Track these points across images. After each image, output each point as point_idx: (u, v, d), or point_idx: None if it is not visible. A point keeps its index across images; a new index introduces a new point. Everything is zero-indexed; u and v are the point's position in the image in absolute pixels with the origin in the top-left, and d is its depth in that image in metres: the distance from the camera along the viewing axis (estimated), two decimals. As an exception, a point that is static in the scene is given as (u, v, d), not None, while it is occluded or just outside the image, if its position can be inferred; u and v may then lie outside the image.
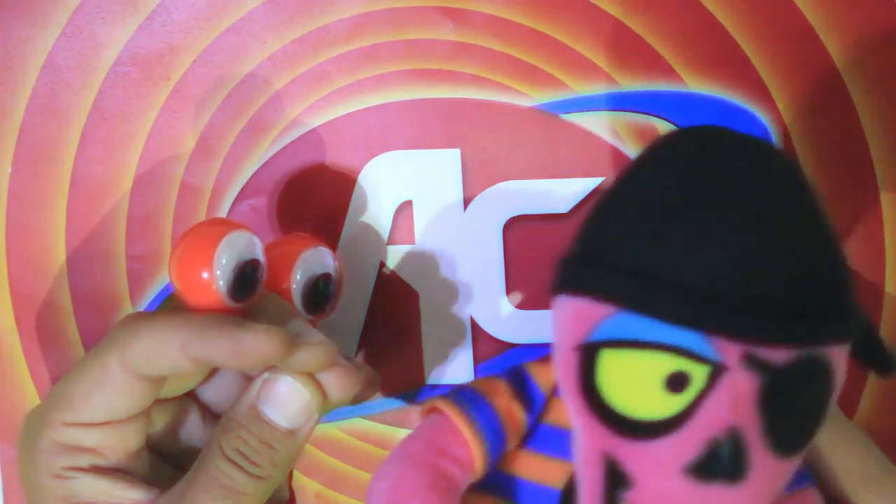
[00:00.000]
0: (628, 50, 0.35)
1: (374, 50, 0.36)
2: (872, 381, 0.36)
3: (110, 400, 0.30)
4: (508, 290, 0.37)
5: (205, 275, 0.29)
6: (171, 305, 0.31)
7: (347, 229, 0.37)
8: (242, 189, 0.37)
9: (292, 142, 0.36)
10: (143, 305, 0.37)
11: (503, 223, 0.36)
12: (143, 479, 0.31)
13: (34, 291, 0.37)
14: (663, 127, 0.36)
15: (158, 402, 0.31)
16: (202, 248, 0.30)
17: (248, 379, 0.31)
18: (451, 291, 0.37)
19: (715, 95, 0.35)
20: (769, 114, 0.35)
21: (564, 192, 0.36)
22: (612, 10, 0.35)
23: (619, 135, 0.36)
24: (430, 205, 0.36)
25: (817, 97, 0.35)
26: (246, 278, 0.30)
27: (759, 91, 0.35)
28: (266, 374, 0.30)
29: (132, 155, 0.37)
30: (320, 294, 0.33)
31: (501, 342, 0.37)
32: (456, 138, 0.36)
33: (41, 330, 0.38)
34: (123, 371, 0.29)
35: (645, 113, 0.36)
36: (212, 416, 0.34)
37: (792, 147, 0.35)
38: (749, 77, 0.35)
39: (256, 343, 0.28)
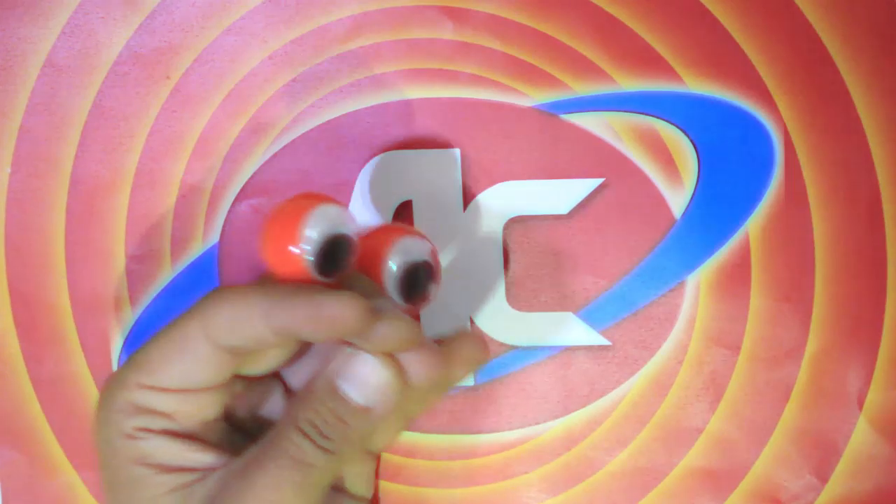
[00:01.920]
0: (628, 50, 0.35)
1: (374, 50, 0.36)
2: (878, 374, 0.36)
3: (188, 368, 0.29)
4: (508, 291, 0.37)
5: (292, 247, 0.29)
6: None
7: (347, 229, 0.37)
8: (242, 189, 0.37)
9: (292, 142, 0.37)
10: (142, 306, 0.37)
11: (503, 223, 0.36)
12: (215, 446, 0.31)
13: (33, 291, 0.37)
14: (663, 127, 0.36)
15: (242, 378, 0.31)
16: (291, 219, 0.29)
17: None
18: (451, 292, 0.37)
19: (715, 95, 0.35)
20: (769, 114, 0.35)
21: (564, 192, 0.36)
22: (613, 10, 0.35)
23: (618, 135, 0.36)
24: (430, 205, 0.36)
25: (817, 97, 0.35)
26: (335, 252, 0.30)
27: (759, 91, 0.35)
28: (348, 350, 0.29)
29: (132, 155, 0.37)
30: (415, 284, 0.32)
31: (501, 342, 0.37)
32: (456, 138, 0.36)
33: (40, 330, 0.38)
34: (205, 339, 0.29)
35: (645, 113, 0.36)
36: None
37: (792, 147, 0.35)
38: (749, 77, 0.35)
39: (337, 308, 0.28)
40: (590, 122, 0.36)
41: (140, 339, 0.38)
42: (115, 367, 0.38)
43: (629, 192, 0.36)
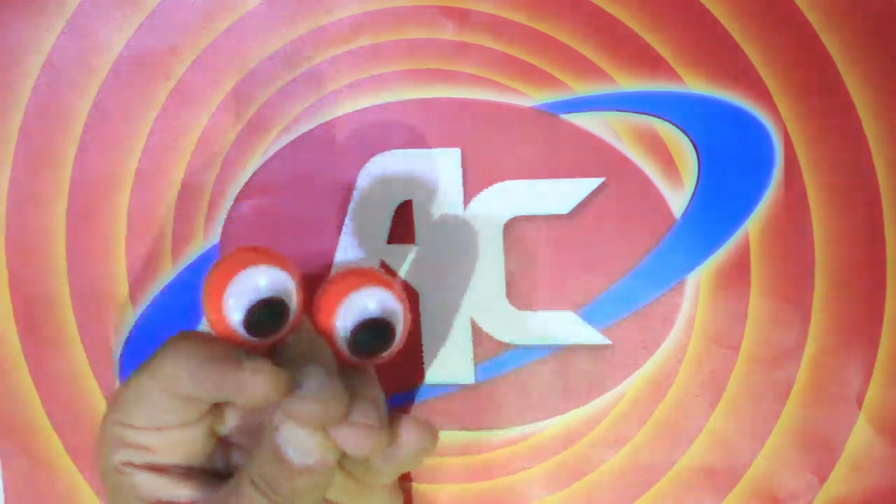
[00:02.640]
0: (628, 50, 0.35)
1: (374, 50, 0.36)
2: (877, 373, 0.36)
3: (152, 413, 0.30)
4: (508, 290, 0.37)
5: (220, 309, 0.29)
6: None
7: (347, 229, 0.37)
8: (242, 189, 0.37)
9: (292, 142, 0.36)
10: (143, 305, 0.37)
11: (503, 223, 0.36)
12: (202, 476, 0.31)
13: (34, 291, 0.37)
14: (663, 127, 0.36)
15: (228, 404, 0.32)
16: (218, 281, 0.29)
17: None
18: (451, 291, 0.37)
19: (715, 96, 0.35)
20: (769, 114, 0.35)
21: (564, 192, 0.36)
22: (613, 10, 0.35)
23: (618, 135, 0.36)
24: (430, 205, 0.36)
25: (817, 98, 0.35)
26: (262, 317, 0.29)
27: (759, 91, 0.35)
28: (282, 416, 0.29)
29: (132, 155, 0.37)
30: (370, 341, 0.31)
31: (501, 342, 0.37)
32: (456, 138, 0.36)
33: (41, 329, 0.38)
34: (158, 390, 0.30)
35: (645, 113, 0.36)
36: None
37: (792, 147, 0.35)
38: (749, 77, 0.35)
39: (249, 382, 0.28)
40: (590, 122, 0.36)
41: (141, 338, 0.38)
42: (115, 366, 0.38)
43: (629, 192, 0.36)
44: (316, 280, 0.32)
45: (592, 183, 0.36)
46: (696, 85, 0.35)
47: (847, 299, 0.36)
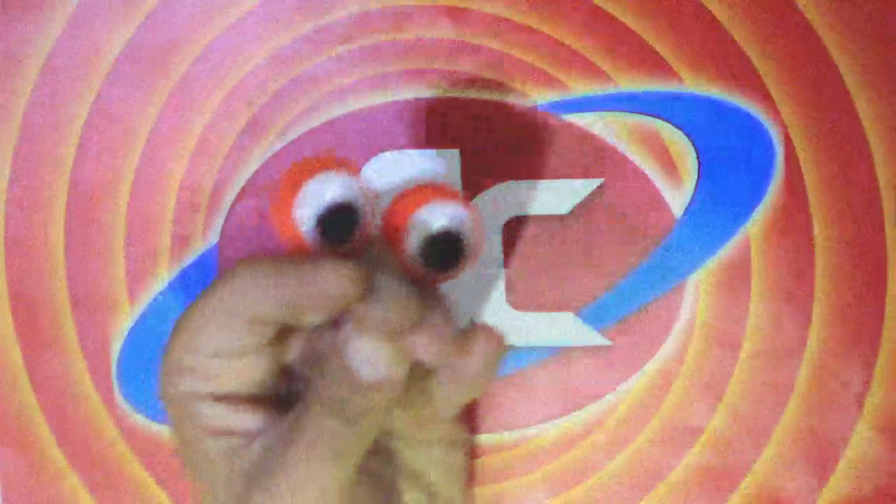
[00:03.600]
0: (628, 50, 0.35)
1: (373, 50, 0.36)
2: (878, 374, 0.36)
3: (219, 337, 0.29)
4: (508, 290, 0.37)
5: (290, 217, 0.28)
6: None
7: (347, 230, 0.37)
8: (242, 189, 0.37)
9: (292, 142, 0.36)
10: (142, 306, 0.37)
11: (503, 223, 0.36)
12: (266, 406, 0.30)
13: (33, 292, 0.37)
14: (663, 127, 0.36)
15: (297, 329, 0.31)
16: (290, 188, 0.29)
17: None
18: (450, 292, 0.36)
19: (715, 96, 0.35)
20: (769, 114, 0.35)
21: (564, 192, 0.36)
22: (613, 10, 0.35)
23: (618, 135, 0.36)
24: (429, 205, 0.36)
25: (818, 98, 0.35)
26: (337, 223, 0.29)
27: (760, 92, 0.35)
28: (350, 327, 0.28)
29: (132, 155, 0.37)
30: (440, 255, 0.30)
31: (501, 343, 0.37)
32: (456, 138, 0.36)
33: (39, 331, 0.37)
34: (225, 313, 0.29)
35: (645, 113, 0.36)
36: None
37: (792, 147, 0.35)
38: (749, 78, 0.35)
39: (322, 280, 0.27)
40: (590, 122, 0.36)
41: (139, 340, 0.37)
42: (113, 368, 0.38)
43: (629, 192, 0.36)
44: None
45: (592, 183, 0.36)
46: (696, 85, 0.35)
47: (848, 300, 0.36)
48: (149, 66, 0.36)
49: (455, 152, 0.36)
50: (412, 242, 0.30)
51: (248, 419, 0.30)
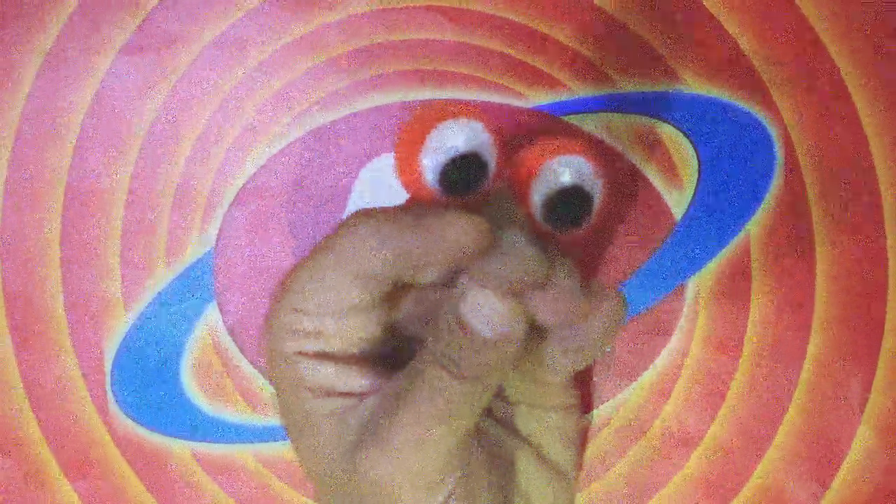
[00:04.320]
0: (628, 50, 0.35)
1: (372, 50, 0.36)
2: (879, 378, 0.36)
3: (331, 296, 0.28)
4: (508, 293, 0.36)
5: (417, 162, 0.27)
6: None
7: (345, 233, 0.36)
8: (240, 192, 0.37)
9: (290, 144, 0.36)
10: (137, 311, 0.37)
11: (503, 224, 0.36)
12: (373, 366, 0.29)
13: (27, 297, 0.37)
14: (663, 129, 0.36)
15: (408, 288, 0.30)
16: (414, 135, 0.27)
17: None
18: (450, 293, 0.36)
19: (715, 96, 0.35)
20: (769, 115, 0.35)
21: (564, 193, 0.36)
22: (613, 10, 0.35)
23: (618, 136, 0.36)
24: (429, 207, 0.36)
25: (817, 97, 0.35)
26: (462, 172, 0.27)
27: (760, 92, 0.35)
28: (468, 281, 0.28)
29: (128, 158, 0.37)
30: (565, 209, 0.28)
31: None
32: (455, 140, 0.36)
33: (34, 335, 0.37)
34: (340, 270, 0.28)
35: (645, 114, 0.36)
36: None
37: (792, 148, 0.35)
38: (749, 77, 0.35)
39: (447, 229, 0.26)
40: (590, 123, 0.36)
41: (134, 345, 0.37)
42: (108, 374, 0.37)
43: (629, 194, 0.36)
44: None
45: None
46: (696, 85, 0.35)
47: (848, 303, 0.36)
48: (146, 69, 0.36)
49: (455, 153, 0.36)
50: (538, 196, 0.28)
51: (356, 379, 0.29)
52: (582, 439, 0.36)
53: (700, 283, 0.36)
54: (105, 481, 0.37)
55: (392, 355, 0.30)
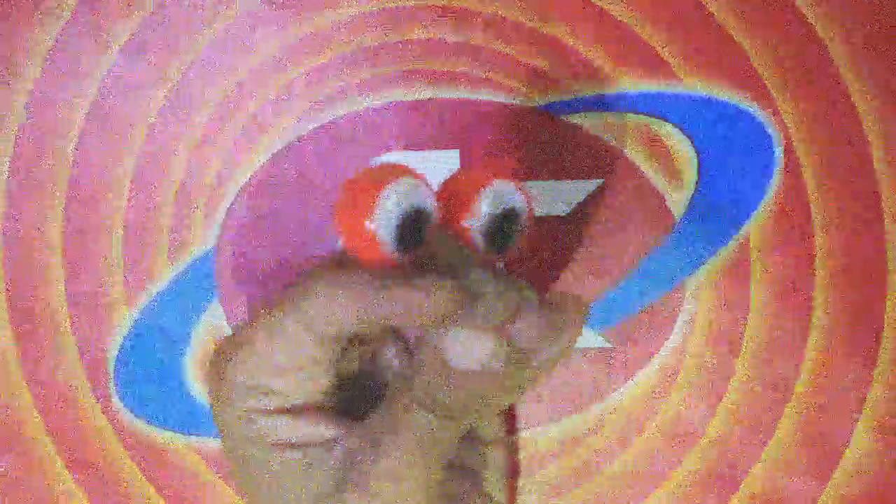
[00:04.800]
0: (628, 50, 0.35)
1: (373, 50, 0.36)
2: (878, 375, 0.36)
3: (294, 354, 0.29)
4: (508, 292, 0.36)
5: (368, 226, 0.27)
6: (340, 258, 0.30)
7: (346, 231, 0.36)
8: (239, 192, 0.37)
9: (291, 143, 0.36)
10: (139, 309, 0.37)
11: (503, 224, 0.36)
12: (331, 414, 0.30)
13: (30, 294, 0.37)
14: (663, 128, 0.36)
15: (355, 341, 0.31)
16: (364, 198, 0.28)
17: None
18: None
19: (715, 96, 0.35)
20: (769, 115, 0.35)
21: (564, 193, 0.36)
22: (612, 10, 0.35)
23: (618, 135, 0.36)
24: (429, 206, 0.36)
25: (817, 97, 0.35)
26: (413, 229, 0.28)
27: (760, 92, 0.35)
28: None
29: (130, 157, 0.37)
30: (504, 233, 0.30)
31: (501, 344, 0.37)
32: (454, 140, 0.36)
33: (37, 333, 0.37)
34: (304, 331, 0.28)
35: (645, 113, 0.36)
36: (408, 350, 0.33)
37: (792, 148, 0.35)
38: (749, 77, 0.35)
39: (430, 300, 0.27)
40: (589, 122, 0.36)
41: (136, 342, 0.37)
42: (111, 371, 0.37)
43: (629, 192, 0.36)
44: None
45: (591, 184, 0.36)
46: (696, 85, 0.35)
47: (848, 301, 0.36)
48: (148, 68, 0.36)
49: (455, 153, 0.36)
50: (477, 227, 0.29)
51: (322, 428, 0.29)
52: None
53: (700, 282, 0.36)
54: (108, 476, 0.37)
55: (345, 398, 0.31)
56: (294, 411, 0.29)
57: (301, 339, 0.29)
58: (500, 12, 0.35)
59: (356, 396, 0.31)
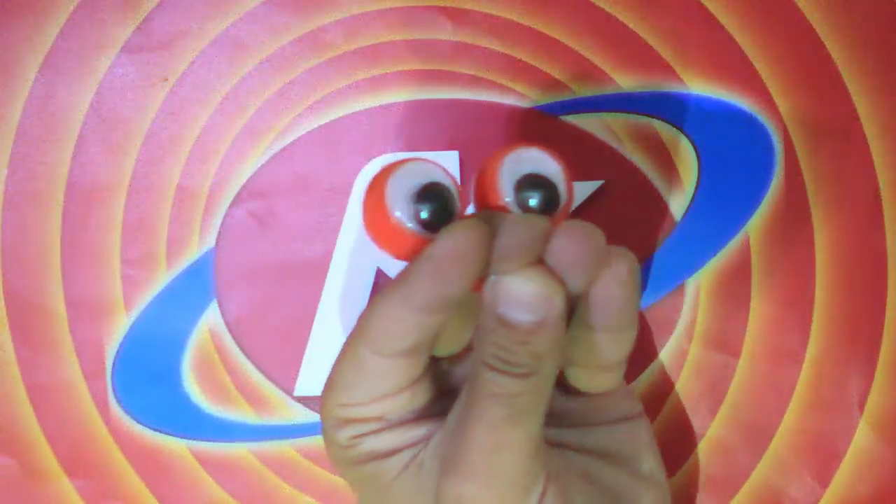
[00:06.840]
0: (628, 50, 0.35)
1: (373, 50, 0.36)
2: (879, 377, 0.36)
3: (377, 384, 0.29)
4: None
5: (387, 213, 0.28)
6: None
7: (345, 232, 0.36)
8: (240, 192, 0.37)
9: (290, 144, 0.36)
10: (138, 311, 0.37)
11: (503, 224, 0.36)
12: (428, 415, 0.30)
13: (28, 295, 0.37)
14: (663, 128, 0.36)
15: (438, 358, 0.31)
16: (376, 192, 0.28)
17: None
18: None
19: (715, 96, 0.35)
20: (769, 115, 0.35)
21: (564, 193, 0.36)
22: (613, 10, 0.35)
23: (618, 136, 0.36)
24: (429, 207, 0.36)
25: (817, 98, 0.35)
26: (434, 207, 0.28)
27: (760, 92, 0.35)
28: (493, 277, 0.28)
29: (129, 158, 0.37)
30: (540, 198, 0.29)
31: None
32: (455, 140, 0.36)
33: (35, 335, 0.37)
34: (377, 356, 0.28)
35: (645, 114, 0.36)
36: None
37: (792, 147, 0.35)
38: (749, 77, 0.35)
39: (450, 246, 0.27)
40: (589, 123, 0.36)
41: (134, 345, 0.37)
42: (109, 373, 0.37)
43: (629, 193, 0.36)
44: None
45: (592, 185, 0.36)
46: (696, 85, 0.35)
47: (848, 303, 0.36)
48: (146, 69, 0.36)
49: (455, 153, 0.36)
50: (508, 186, 0.29)
51: (418, 430, 0.30)
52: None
53: (700, 283, 0.36)
54: (105, 480, 0.37)
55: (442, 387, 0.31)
56: (391, 426, 0.30)
57: (376, 365, 0.29)
58: (500, 12, 0.35)
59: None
